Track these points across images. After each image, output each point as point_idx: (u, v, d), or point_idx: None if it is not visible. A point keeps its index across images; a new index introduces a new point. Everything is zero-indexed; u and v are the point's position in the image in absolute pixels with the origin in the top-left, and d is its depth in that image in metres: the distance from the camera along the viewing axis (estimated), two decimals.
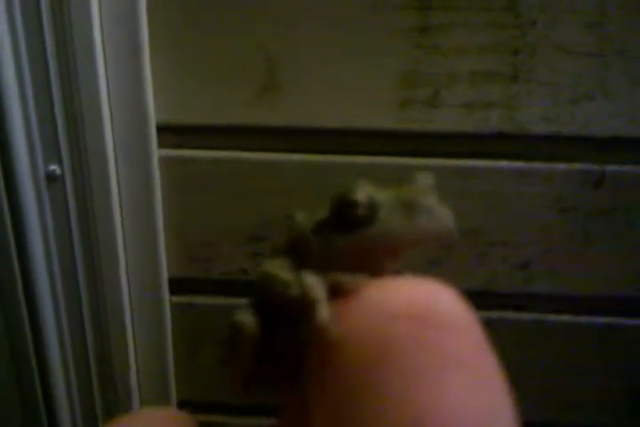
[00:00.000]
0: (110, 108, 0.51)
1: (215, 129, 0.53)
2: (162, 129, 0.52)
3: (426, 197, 0.18)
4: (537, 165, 0.52)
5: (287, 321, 0.18)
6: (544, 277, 0.56)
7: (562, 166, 0.52)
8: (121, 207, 0.54)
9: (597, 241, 0.55)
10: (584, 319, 0.58)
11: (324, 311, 0.16)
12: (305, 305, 0.16)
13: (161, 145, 0.53)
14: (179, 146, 0.54)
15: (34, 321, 0.55)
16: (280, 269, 0.19)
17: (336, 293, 0.16)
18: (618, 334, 0.58)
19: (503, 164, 0.52)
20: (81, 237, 0.54)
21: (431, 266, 0.56)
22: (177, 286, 0.58)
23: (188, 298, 0.60)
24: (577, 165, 0.52)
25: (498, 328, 0.58)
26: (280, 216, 0.53)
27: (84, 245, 0.54)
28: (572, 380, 0.60)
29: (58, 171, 0.51)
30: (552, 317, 0.58)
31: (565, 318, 0.58)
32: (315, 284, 0.17)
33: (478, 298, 0.65)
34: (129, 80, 0.50)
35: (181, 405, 0.63)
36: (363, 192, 0.18)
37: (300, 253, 0.19)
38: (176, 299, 0.59)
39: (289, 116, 0.51)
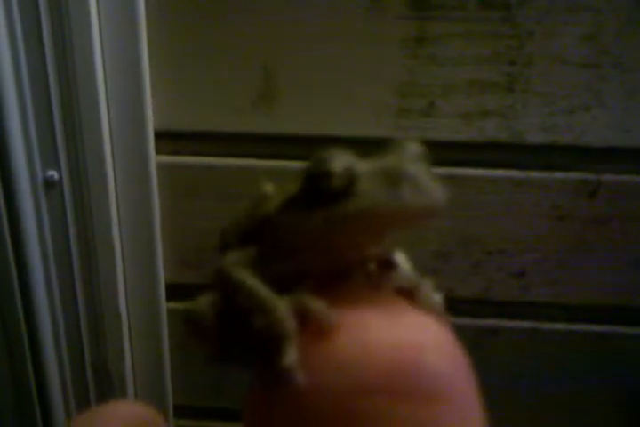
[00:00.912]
0: (109, 115, 0.51)
1: (212, 136, 0.53)
2: (159, 135, 0.53)
3: (413, 166, 0.15)
4: (533, 174, 0.52)
5: (247, 319, 0.15)
6: (540, 285, 0.56)
7: (558, 175, 0.52)
8: (118, 213, 0.54)
9: (593, 250, 0.55)
10: (579, 327, 0.58)
11: (290, 354, 0.14)
12: (271, 339, 0.14)
13: (158, 151, 0.53)
14: (176, 152, 0.54)
15: (31, 326, 0.55)
16: (244, 271, 0.16)
17: (305, 318, 0.15)
18: (613, 343, 0.58)
19: (499, 172, 0.52)
20: (78, 242, 0.54)
21: (428, 274, 0.56)
22: (173, 291, 0.59)
23: (185, 304, 0.60)
24: (573, 175, 0.52)
25: (494, 336, 0.58)
26: None
27: (82, 251, 0.54)
28: (567, 387, 0.60)
29: (56, 176, 0.51)
30: (547, 325, 0.58)
31: (561, 326, 0.58)
32: (285, 317, 0.14)
33: (474, 306, 0.65)
34: (127, 87, 0.50)
35: (177, 410, 0.63)
36: (339, 160, 0.15)
37: (266, 237, 0.17)
38: (172, 305, 0.59)
39: (285, 123, 0.52)
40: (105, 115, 0.50)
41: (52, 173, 0.51)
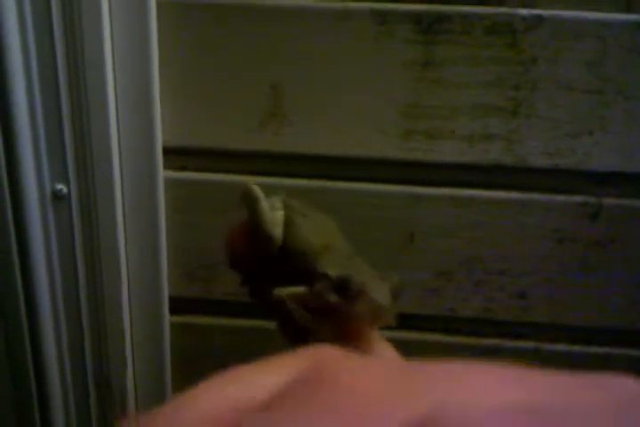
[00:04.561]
0: (118, 130, 0.51)
1: (220, 153, 0.54)
2: (168, 151, 0.53)
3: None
4: (536, 196, 0.53)
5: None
6: (541, 306, 0.57)
7: (560, 198, 0.53)
8: (125, 227, 0.55)
9: (594, 272, 0.55)
10: (580, 349, 0.58)
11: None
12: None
13: (166, 167, 0.54)
14: (184, 168, 0.55)
15: (34, 338, 0.55)
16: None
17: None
18: (615, 365, 0.58)
19: (502, 194, 0.53)
20: (84, 255, 0.54)
21: (430, 293, 0.57)
22: (177, 305, 0.59)
23: (188, 318, 0.60)
24: (575, 198, 0.53)
25: (496, 355, 0.59)
26: None
27: (88, 264, 0.54)
28: None
29: (64, 190, 0.52)
30: (549, 346, 0.58)
31: (562, 347, 0.58)
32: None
33: (477, 326, 0.65)
34: (137, 102, 0.51)
35: None
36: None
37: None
38: (176, 318, 0.59)
39: (292, 142, 0.52)
40: (114, 129, 0.51)
41: (61, 187, 0.52)
